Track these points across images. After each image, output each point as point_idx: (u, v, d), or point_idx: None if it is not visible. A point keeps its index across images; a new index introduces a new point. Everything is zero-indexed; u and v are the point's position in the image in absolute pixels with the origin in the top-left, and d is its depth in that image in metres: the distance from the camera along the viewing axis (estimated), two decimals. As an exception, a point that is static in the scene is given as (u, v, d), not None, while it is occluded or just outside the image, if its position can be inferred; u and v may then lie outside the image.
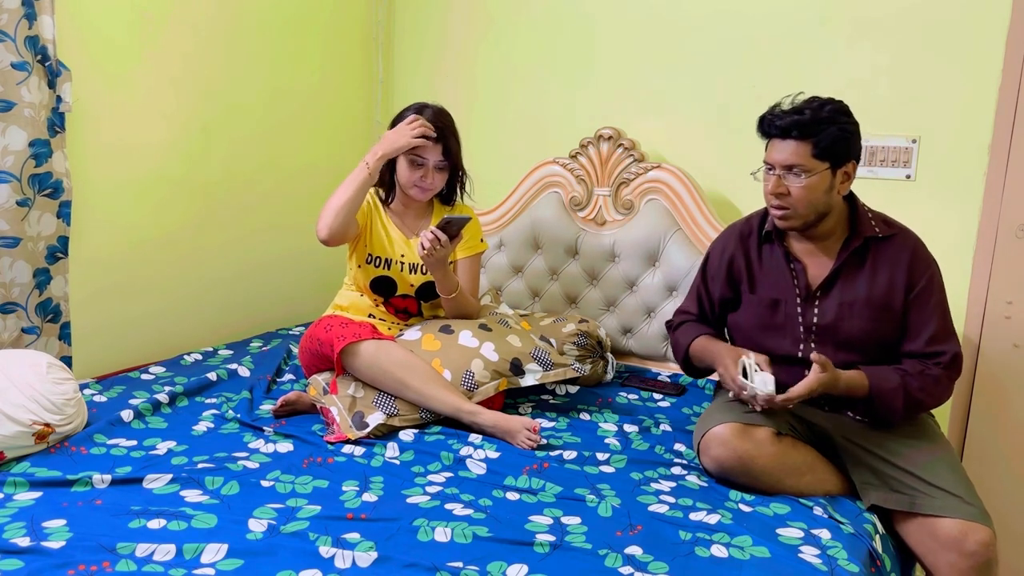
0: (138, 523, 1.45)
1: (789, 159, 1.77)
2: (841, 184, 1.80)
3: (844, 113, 1.78)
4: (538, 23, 2.84)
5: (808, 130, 1.74)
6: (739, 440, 1.72)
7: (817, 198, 1.78)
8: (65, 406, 1.77)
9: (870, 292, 1.80)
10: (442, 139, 2.16)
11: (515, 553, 1.42)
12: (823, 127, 1.74)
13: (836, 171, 1.77)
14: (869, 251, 1.83)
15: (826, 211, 1.81)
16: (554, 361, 2.14)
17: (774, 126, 1.79)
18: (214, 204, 2.62)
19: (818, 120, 1.74)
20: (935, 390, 1.79)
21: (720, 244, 2.02)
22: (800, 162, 1.76)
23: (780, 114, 1.78)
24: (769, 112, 1.81)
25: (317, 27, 2.90)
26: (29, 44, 1.99)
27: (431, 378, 1.98)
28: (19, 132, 2.00)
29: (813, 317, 1.85)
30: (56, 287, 2.14)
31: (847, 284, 1.83)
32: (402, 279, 2.25)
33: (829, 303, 1.84)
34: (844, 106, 1.79)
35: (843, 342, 1.83)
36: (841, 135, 1.75)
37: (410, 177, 2.18)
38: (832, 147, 1.75)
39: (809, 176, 1.76)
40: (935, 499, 1.65)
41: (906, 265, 1.80)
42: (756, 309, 1.92)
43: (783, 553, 1.47)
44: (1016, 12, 2.16)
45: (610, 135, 2.62)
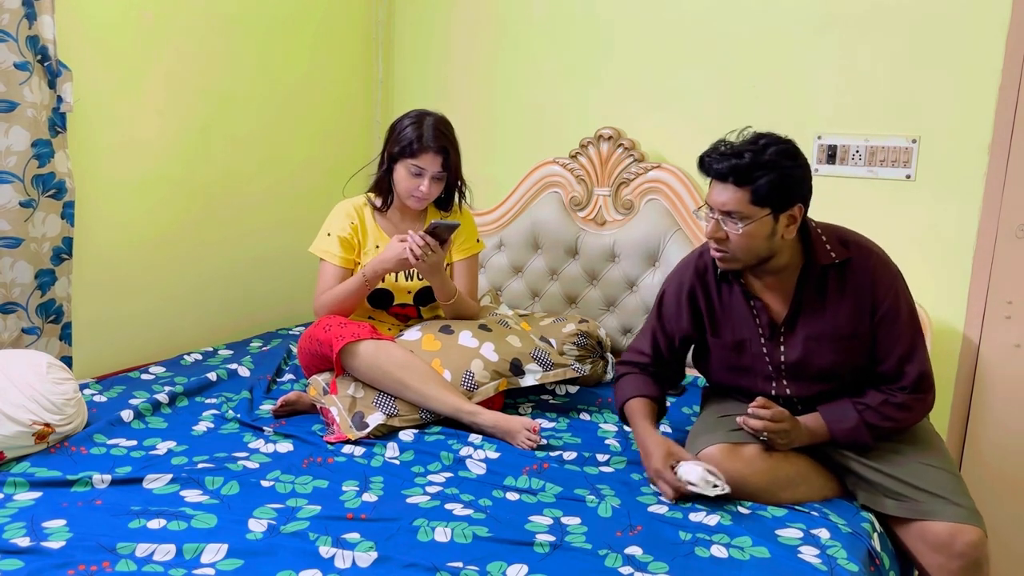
0: (138, 523, 1.45)
1: (727, 204, 1.65)
2: (786, 228, 1.67)
3: (789, 156, 1.65)
4: (538, 23, 2.84)
5: (745, 176, 1.62)
6: (729, 461, 1.69)
7: (757, 244, 1.67)
8: (65, 406, 1.77)
9: (835, 324, 1.72)
10: (442, 151, 2.14)
11: (515, 553, 1.42)
12: (762, 173, 1.61)
13: (779, 216, 1.65)
14: (828, 279, 1.73)
15: (769, 255, 1.70)
16: (554, 361, 2.14)
17: (712, 168, 1.67)
18: (213, 204, 2.62)
19: (758, 164, 1.62)
20: (900, 415, 1.72)
21: (676, 280, 1.91)
22: (738, 208, 1.64)
23: (719, 156, 1.66)
24: (709, 151, 1.69)
25: (317, 27, 2.90)
26: (29, 44, 1.99)
27: (431, 378, 1.98)
28: (22, 132, 2.00)
29: (780, 356, 1.78)
30: (60, 288, 2.14)
31: (810, 318, 1.74)
32: (399, 289, 2.25)
33: (795, 340, 1.76)
34: (791, 148, 1.66)
35: (815, 375, 1.77)
36: (781, 182, 1.62)
37: (407, 186, 2.17)
38: (771, 194, 1.62)
39: (748, 223, 1.64)
40: (922, 503, 1.64)
41: (868, 290, 1.71)
42: (721, 352, 1.85)
43: (783, 553, 1.47)
44: (1016, 12, 2.16)
45: (610, 135, 2.62)
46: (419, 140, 2.12)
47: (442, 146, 2.14)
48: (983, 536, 1.61)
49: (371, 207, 2.27)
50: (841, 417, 1.73)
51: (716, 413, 1.87)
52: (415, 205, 2.21)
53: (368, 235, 2.24)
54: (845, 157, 2.40)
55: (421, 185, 2.15)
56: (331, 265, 2.20)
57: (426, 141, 2.12)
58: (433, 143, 2.13)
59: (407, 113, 2.21)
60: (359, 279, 2.14)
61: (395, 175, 2.19)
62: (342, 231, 2.21)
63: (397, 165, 2.17)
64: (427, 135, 2.13)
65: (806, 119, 2.45)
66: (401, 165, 2.16)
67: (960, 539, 1.60)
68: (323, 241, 2.23)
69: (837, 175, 2.41)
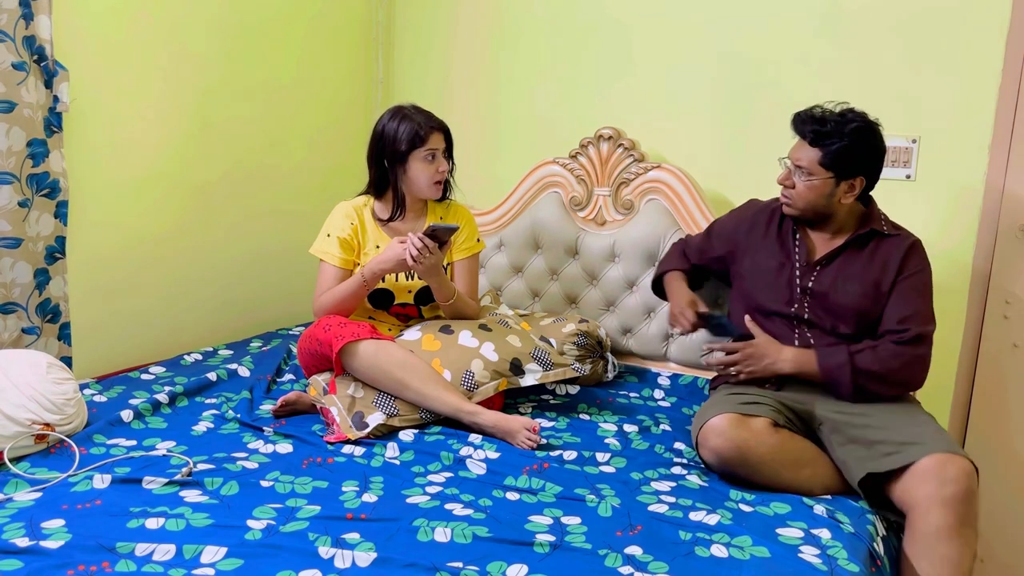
0: (137, 523, 1.45)
1: (800, 160, 1.92)
2: (844, 194, 1.92)
3: (866, 135, 1.89)
4: (538, 23, 2.84)
5: (821, 139, 1.88)
6: (737, 430, 1.74)
7: (816, 200, 1.93)
8: (65, 406, 1.77)
9: (864, 273, 1.93)
10: (442, 126, 2.20)
11: (515, 553, 1.42)
12: (835, 141, 1.87)
13: (840, 182, 1.90)
14: (871, 242, 1.96)
15: (827, 213, 1.96)
16: (554, 361, 2.14)
17: (798, 126, 1.93)
18: (213, 203, 2.62)
19: (836, 133, 1.86)
20: (892, 363, 1.86)
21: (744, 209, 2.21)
22: (806, 165, 1.91)
23: (807, 118, 1.91)
24: (803, 111, 1.93)
25: (317, 27, 2.90)
26: (26, 44, 1.99)
27: (431, 378, 1.98)
28: (19, 132, 2.00)
29: (809, 282, 1.98)
30: (55, 287, 2.14)
31: (846, 263, 1.96)
32: (399, 288, 2.25)
33: (826, 273, 1.97)
34: (871, 128, 1.90)
35: (832, 308, 1.95)
36: (849, 153, 1.87)
37: (429, 174, 2.18)
38: (838, 160, 1.88)
39: (811, 179, 1.91)
40: (920, 445, 1.69)
41: (902, 255, 1.93)
42: (761, 266, 2.06)
43: (783, 553, 1.47)
44: (1016, 12, 2.16)
45: (610, 135, 2.62)
46: (421, 126, 2.15)
47: (440, 122, 2.20)
48: (974, 469, 1.64)
49: (372, 210, 2.27)
50: (832, 352, 1.90)
51: (726, 391, 1.95)
52: (436, 192, 2.22)
53: (368, 236, 2.24)
54: (845, 157, 2.40)
55: (440, 166, 2.18)
56: (330, 266, 2.20)
57: (427, 123, 2.17)
58: (433, 121, 2.18)
59: (383, 117, 2.22)
60: (358, 280, 2.14)
61: (410, 172, 2.19)
62: (342, 232, 2.21)
63: (410, 161, 2.17)
64: (421, 119, 2.17)
65: (806, 119, 2.44)
66: (414, 159, 2.17)
67: (951, 465, 1.62)
68: (323, 242, 2.23)
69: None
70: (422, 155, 2.16)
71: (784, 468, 1.74)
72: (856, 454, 1.77)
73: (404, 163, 2.18)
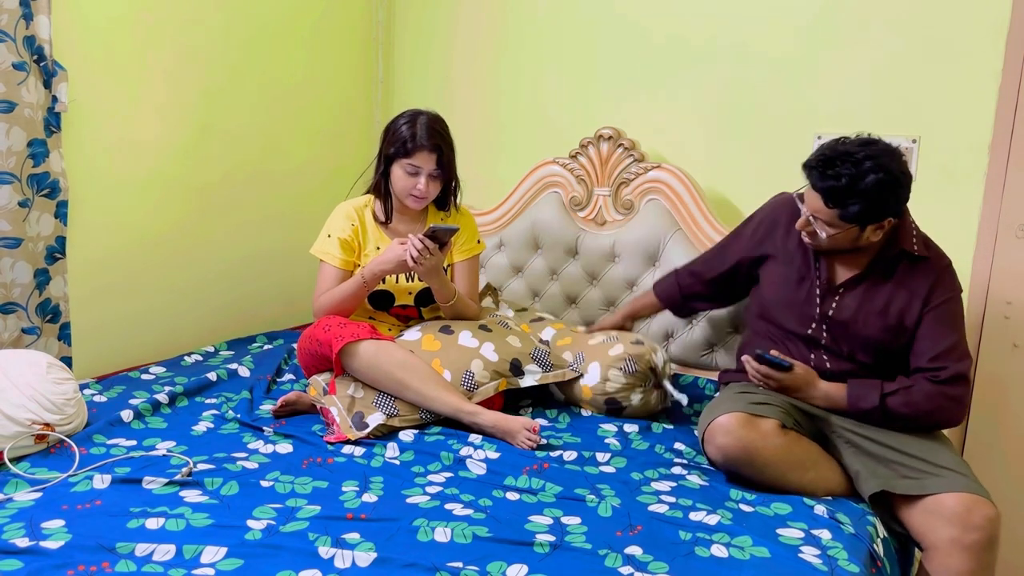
0: (137, 523, 1.45)
1: (817, 212, 1.79)
2: (872, 233, 1.79)
3: (887, 183, 1.71)
4: (539, 23, 2.84)
5: (838, 201, 1.73)
6: (744, 429, 1.73)
7: (842, 244, 1.83)
8: (65, 406, 1.77)
9: (887, 305, 1.83)
10: (436, 149, 2.14)
11: (515, 553, 1.42)
12: (855, 201, 1.72)
13: (865, 227, 1.77)
14: (900, 265, 1.84)
15: (854, 248, 1.84)
16: (553, 362, 2.14)
17: (812, 183, 1.78)
18: (213, 204, 2.62)
19: (853, 191, 1.71)
20: (925, 405, 1.77)
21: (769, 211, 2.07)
22: (825, 219, 1.78)
23: (820, 170, 1.74)
24: (814, 159, 1.77)
25: (317, 27, 2.90)
26: (26, 44, 1.99)
27: (431, 378, 1.98)
28: (19, 132, 2.00)
29: (830, 309, 1.89)
30: (55, 287, 2.14)
31: (870, 290, 1.85)
32: (399, 290, 2.24)
33: (849, 300, 1.87)
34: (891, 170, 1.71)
35: (852, 337, 1.87)
36: (872, 209, 1.72)
37: (405, 185, 2.17)
38: (861, 217, 1.74)
39: (833, 231, 1.79)
40: (941, 477, 1.66)
41: (930, 283, 1.81)
42: (781, 280, 1.96)
43: (783, 553, 1.47)
44: (1016, 12, 2.16)
45: (610, 135, 2.62)
46: (413, 139, 2.12)
47: (436, 144, 2.14)
48: (998, 515, 1.61)
49: (372, 211, 2.27)
50: (864, 394, 1.80)
51: (736, 389, 1.93)
52: (414, 204, 2.20)
53: (368, 236, 2.24)
54: (845, 157, 2.40)
55: (418, 184, 2.15)
56: (331, 266, 2.20)
57: (420, 139, 2.12)
58: (427, 141, 2.12)
59: (401, 113, 2.21)
60: (358, 281, 2.14)
61: (392, 175, 2.19)
62: (342, 232, 2.21)
63: (393, 166, 2.17)
64: (421, 133, 2.13)
65: (806, 119, 2.45)
66: (397, 165, 2.16)
67: (977, 511, 1.60)
68: (323, 242, 2.23)
69: (837, 175, 2.41)
70: (404, 165, 2.15)
71: (789, 470, 1.73)
72: (870, 467, 1.75)
73: (390, 165, 2.18)
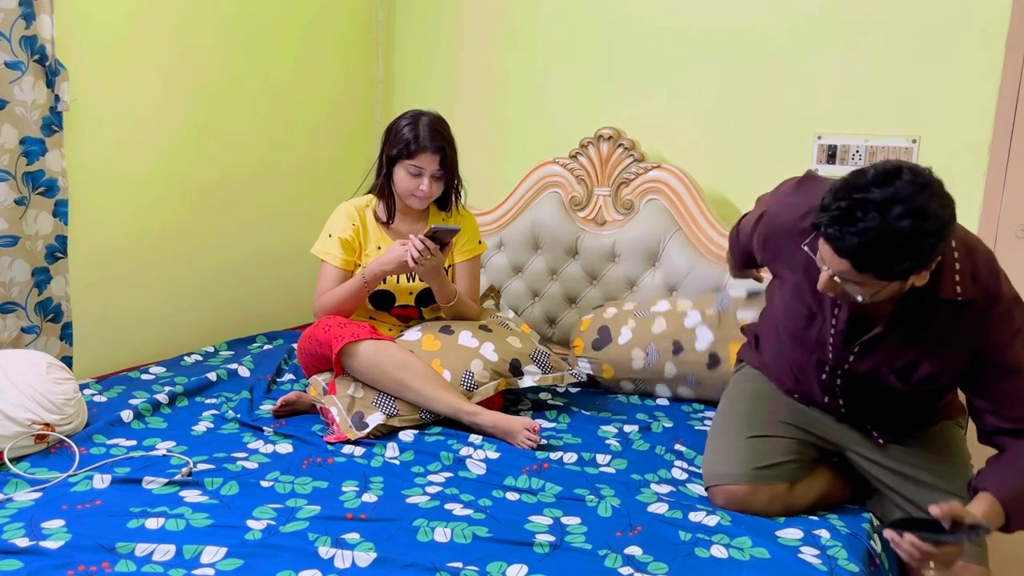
0: (137, 523, 1.45)
1: (844, 274, 1.40)
2: (919, 279, 1.41)
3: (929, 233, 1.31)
4: (539, 23, 2.84)
5: (868, 264, 1.35)
6: (751, 498, 1.65)
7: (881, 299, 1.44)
8: (65, 406, 1.77)
9: (915, 362, 1.53)
10: (439, 150, 2.14)
11: (515, 553, 1.42)
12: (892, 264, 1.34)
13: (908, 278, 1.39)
14: (938, 313, 1.48)
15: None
16: (552, 364, 2.15)
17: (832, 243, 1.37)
18: (213, 203, 2.62)
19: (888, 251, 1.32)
20: None
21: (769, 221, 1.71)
22: (858, 281, 1.39)
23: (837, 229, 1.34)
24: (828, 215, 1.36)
25: (316, 27, 2.90)
26: (26, 44, 2.00)
27: (431, 378, 1.98)
28: (11, 130, 2.01)
29: (846, 363, 1.62)
30: (56, 287, 2.14)
31: (896, 342, 1.53)
32: (400, 290, 2.24)
33: (868, 358, 1.59)
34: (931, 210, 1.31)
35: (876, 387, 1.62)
36: (915, 264, 1.35)
37: (407, 185, 2.17)
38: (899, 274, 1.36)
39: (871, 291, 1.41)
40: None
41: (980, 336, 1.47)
42: (791, 310, 1.67)
43: (783, 553, 1.47)
44: (1016, 12, 2.16)
45: (610, 135, 2.62)
46: (416, 140, 2.12)
47: (439, 145, 2.14)
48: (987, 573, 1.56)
49: (374, 211, 2.27)
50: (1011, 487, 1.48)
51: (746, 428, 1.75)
52: (416, 204, 2.21)
53: (370, 237, 2.24)
54: (845, 157, 2.40)
55: (421, 184, 2.15)
56: (331, 266, 2.20)
57: (423, 140, 2.12)
58: (430, 142, 2.13)
59: (403, 114, 2.21)
60: (359, 281, 2.14)
61: (395, 176, 2.19)
62: (343, 232, 2.21)
63: (396, 167, 2.17)
64: (423, 134, 2.13)
65: (806, 119, 2.44)
66: (400, 166, 2.16)
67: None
68: (324, 242, 2.23)
69: (837, 175, 2.39)
70: (407, 166, 2.15)
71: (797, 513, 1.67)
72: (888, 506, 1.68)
73: (392, 166, 2.18)
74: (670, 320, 2.29)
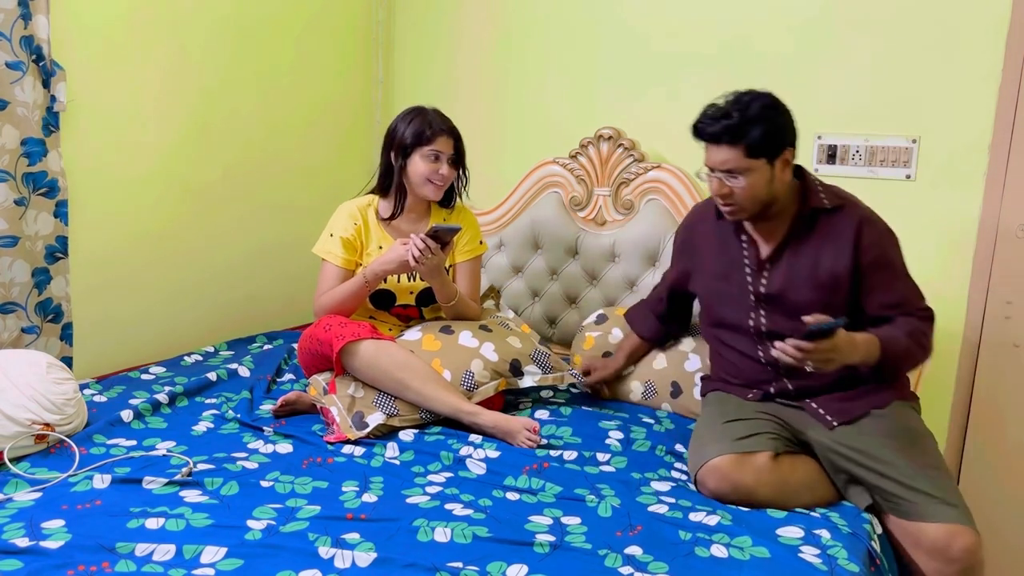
0: (137, 523, 1.45)
1: (726, 163, 1.79)
2: (782, 172, 1.82)
3: (772, 107, 1.80)
4: (539, 23, 2.84)
5: (738, 134, 1.76)
6: (737, 472, 1.68)
7: (760, 192, 1.81)
8: (65, 406, 1.77)
9: (815, 265, 1.84)
10: (453, 133, 2.21)
11: (515, 553, 1.42)
12: (752, 128, 1.75)
13: (774, 162, 1.80)
14: (818, 223, 1.86)
15: (772, 200, 1.84)
16: (553, 364, 2.15)
17: (706, 132, 1.80)
18: (214, 203, 2.62)
19: (747, 121, 1.75)
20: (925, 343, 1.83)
21: (684, 223, 2.16)
22: (736, 165, 1.78)
23: (709, 120, 1.79)
24: (700, 117, 1.82)
25: (316, 27, 2.90)
26: (24, 44, 2.00)
27: (431, 378, 1.98)
28: (12, 131, 2.01)
29: (761, 286, 1.90)
30: (56, 287, 2.14)
31: (795, 255, 1.87)
32: (401, 289, 2.25)
33: (777, 273, 1.88)
34: (772, 99, 1.80)
35: (791, 310, 1.83)
36: (770, 132, 1.77)
37: (426, 171, 2.18)
38: (764, 144, 1.77)
39: (747, 176, 1.79)
40: (918, 504, 1.63)
41: (851, 238, 1.82)
42: (711, 280, 2.00)
43: (783, 553, 1.47)
44: (1016, 12, 2.16)
45: (610, 135, 2.62)
46: (431, 126, 2.18)
47: (452, 128, 2.22)
48: (979, 539, 1.61)
49: (376, 210, 2.27)
50: (893, 337, 1.78)
51: (720, 417, 1.85)
52: (432, 193, 2.22)
53: (371, 236, 2.25)
54: (845, 157, 2.40)
55: (440, 169, 2.19)
56: (332, 266, 2.20)
57: (437, 126, 2.19)
58: (444, 126, 2.20)
59: (404, 112, 2.24)
60: (360, 280, 2.14)
61: (410, 167, 2.20)
62: (345, 232, 2.22)
63: (413, 156, 2.19)
64: (436, 121, 2.19)
65: (806, 119, 2.42)
66: (417, 154, 2.18)
67: (956, 543, 1.59)
68: (326, 242, 2.23)
69: (837, 175, 2.41)
70: (425, 152, 2.17)
71: (788, 499, 1.69)
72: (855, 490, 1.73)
73: (408, 157, 2.19)
74: (671, 359, 2.23)
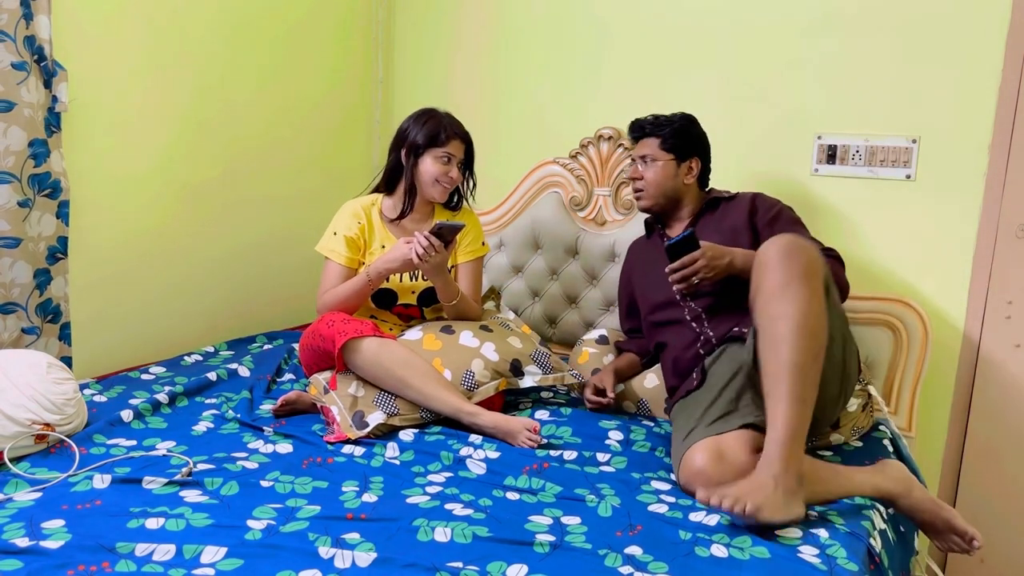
0: (137, 523, 1.45)
1: (642, 150, 2.22)
2: (685, 175, 2.21)
3: (692, 123, 2.24)
4: (539, 23, 2.84)
5: (658, 128, 2.21)
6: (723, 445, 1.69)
7: (664, 182, 2.19)
8: (65, 406, 1.77)
9: (718, 231, 2.10)
10: (466, 138, 2.25)
11: (515, 553, 1.42)
12: (670, 127, 2.20)
13: (680, 163, 2.19)
14: (719, 209, 2.19)
15: (675, 196, 2.21)
16: (553, 365, 2.15)
17: (636, 127, 2.26)
18: (214, 204, 2.62)
19: (669, 122, 2.21)
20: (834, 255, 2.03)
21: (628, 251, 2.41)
22: (649, 152, 2.20)
23: (642, 120, 2.25)
24: (635, 120, 2.27)
25: (316, 26, 2.90)
26: (27, 44, 1.99)
27: (432, 377, 1.98)
28: (19, 132, 2.00)
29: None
30: (56, 287, 2.14)
31: (702, 232, 2.10)
32: (403, 289, 2.25)
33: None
34: (693, 119, 2.25)
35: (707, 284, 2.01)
36: (681, 134, 2.20)
37: (436, 172, 2.20)
38: (675, 142, 2.19)
39: (656, 163, 2.19)
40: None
41: (747, 207, 2.13)
42: (646, 289, 2.24)
43: (782, 553, 1.47)
44: (1016, 12, 2.16)
45: (610, 135, 2.62)
46: (445, 129, 2.20)
47: (465, 133, 2.25)
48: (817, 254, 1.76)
49: (379, 209, 2.28)
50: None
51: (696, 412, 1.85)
52: (439, 195, 2.24)
53: (375, 235, 2.25)
54: (845, 157, 2.41)
55: (451, 171, 2.21)
56: (336, 264, 2.21)
57: (452, 129, 2.21)
58: (459, 130, 2.23)
59: (415, 113, 2.26)
60: (363, 279, 2.15)
61: (420, 167, 2.22)
62: (348, 230, 2.22)
63: (424, 156, 2.21)
64: (451, 125, 2.22)
65: (806, 119, 2.45)
66: (429, 155, 2.20)
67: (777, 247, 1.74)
68: (329, 240, 2.23)
69: (837, 175, 2.42)
70: (437, 154, 2.20)
71: None
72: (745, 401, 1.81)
73: (419, 157, 2.21)
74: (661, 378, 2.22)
